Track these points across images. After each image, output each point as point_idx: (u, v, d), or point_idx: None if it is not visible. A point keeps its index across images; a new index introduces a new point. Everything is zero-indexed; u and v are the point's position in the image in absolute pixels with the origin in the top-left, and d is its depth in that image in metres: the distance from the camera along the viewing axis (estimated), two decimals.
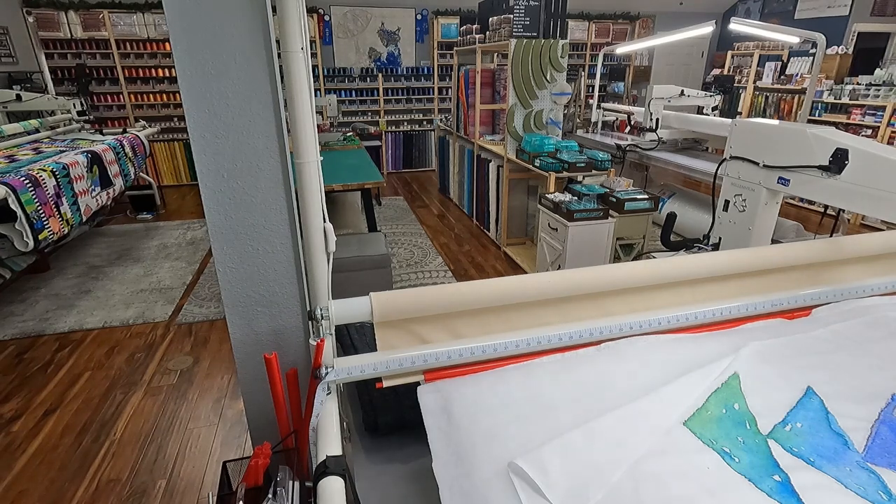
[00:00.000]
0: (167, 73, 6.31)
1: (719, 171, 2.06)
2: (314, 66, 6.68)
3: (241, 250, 1.12)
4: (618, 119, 5.01)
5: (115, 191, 4.02)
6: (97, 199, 3.67)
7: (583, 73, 6.29)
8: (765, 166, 1.81)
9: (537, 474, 0.76)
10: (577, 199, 3.07)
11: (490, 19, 4.02)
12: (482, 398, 0.93)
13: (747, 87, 6.75)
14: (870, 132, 5.07)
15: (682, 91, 3.96)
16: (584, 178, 3.46)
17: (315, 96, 1.43)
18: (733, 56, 7.27)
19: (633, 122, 4.66)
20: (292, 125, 0.99)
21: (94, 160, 3.70)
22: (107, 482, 1.93)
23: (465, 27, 4.79)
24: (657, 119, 3.90)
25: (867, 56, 6.45)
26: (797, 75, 6.11)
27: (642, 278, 1.14)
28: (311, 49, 4.00)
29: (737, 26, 3.25)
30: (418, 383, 0.99)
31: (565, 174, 3.40)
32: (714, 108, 4.17)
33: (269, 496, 0.82)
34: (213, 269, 2.10)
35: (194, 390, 2.48)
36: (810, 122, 4.91)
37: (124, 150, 4.31)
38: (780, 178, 1.76)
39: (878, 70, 5.14)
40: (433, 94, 7.42)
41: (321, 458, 0.75)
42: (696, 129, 3.83)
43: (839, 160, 1.48)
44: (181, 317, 3.18)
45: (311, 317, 1.01)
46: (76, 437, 2.16)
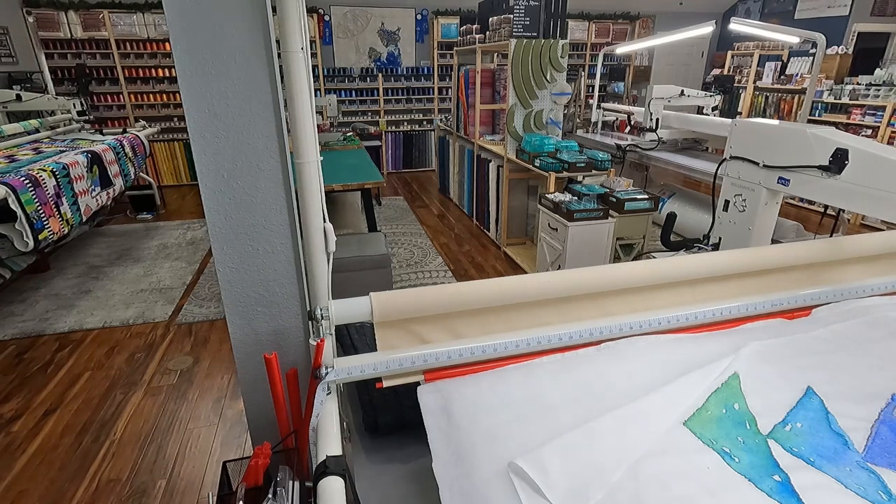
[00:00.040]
0: (167, 73, 6.31)
1: (719, 171, 2.06)
2: (314, 66, 6.68)
3: (241, 250, 1.13)
4: (618, 119, 5.00)
5: (115, 191, 4.02)
6: (97, 199, 3.67)
7: (583, 73, 6.29)
8: (765, 166, 1.81)
9: (537, 474, 0.76)
10: (577, 199, 3.07)
11: (490, 19, 4.02)
12: (482, 398, 0.93)
13: (747, 87, 6.75)
14: (870, 132, 5.07)
15: (682, 91, 3.96)
16: (584, 178, 3.46)
17: (315, 96, 1.43)
18: (733, 56, 7.27)
19: (633, 122, 4.66)
20: (292, 125, 0.99)
21: (94, 160, 3.70)
22: (107, 482, 1.93)
23: (465, 27, 4.79)
24: (657, 119, 3.90)
25: (867, 56, 6.45)
26: (797, 75, 6.11)
27: (642, 278, 1.14)
28: (311, 49, 3.99)
29: (737, 26, 3.25)
30: (418, 383, 0.99)
31: (565, 174, 3.40)
32: (714, 108, 4.17)
33: (269, 496, 0.82)
34: (213, 269, 2.10)
35: (194, 390, 2.48)
36: (810, 122, 4.90)
37: (124, 150, 4.31)
38: (780, 178, 1.76)
39: (878, 70, 5.14)
40: (433, 94, 7.42)
41: (321, 458, 0.75)
42: (696, 129, 3.83)
43: (839, 160, 1.48)
44: (181, 317, 3.18)
45: (311, 317, 1.01)
46: (76, 437, 2.16)
